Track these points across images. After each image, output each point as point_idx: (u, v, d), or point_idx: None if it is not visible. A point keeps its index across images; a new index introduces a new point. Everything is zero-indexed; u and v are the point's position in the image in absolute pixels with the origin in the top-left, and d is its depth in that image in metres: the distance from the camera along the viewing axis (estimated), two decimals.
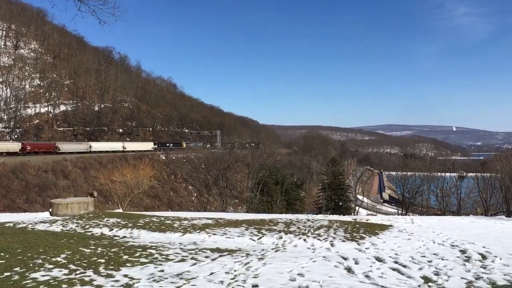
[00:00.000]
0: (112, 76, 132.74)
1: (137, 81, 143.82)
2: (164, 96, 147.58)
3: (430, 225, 16.26)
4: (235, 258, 10.17)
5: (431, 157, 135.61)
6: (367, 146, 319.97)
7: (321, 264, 9.53)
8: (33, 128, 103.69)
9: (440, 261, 9.77)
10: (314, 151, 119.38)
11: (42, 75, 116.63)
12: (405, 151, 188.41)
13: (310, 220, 17.30)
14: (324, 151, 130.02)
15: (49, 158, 71.40)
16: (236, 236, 13.81)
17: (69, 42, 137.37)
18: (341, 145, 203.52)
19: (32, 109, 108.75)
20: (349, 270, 8.98)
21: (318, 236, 13.79)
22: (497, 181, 27.52)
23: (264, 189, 62.77)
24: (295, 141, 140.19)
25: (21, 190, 59.71)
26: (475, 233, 14.07)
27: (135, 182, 27.47)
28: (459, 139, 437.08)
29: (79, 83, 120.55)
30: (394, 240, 13.07)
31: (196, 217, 18.18)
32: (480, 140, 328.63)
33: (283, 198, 66.83)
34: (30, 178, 63.63)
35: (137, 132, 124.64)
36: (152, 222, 16.20)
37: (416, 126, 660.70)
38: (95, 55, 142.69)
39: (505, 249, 11.11)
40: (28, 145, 75.25)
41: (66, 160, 71.16)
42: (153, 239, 13.25)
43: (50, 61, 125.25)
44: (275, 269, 8.98)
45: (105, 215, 18.09)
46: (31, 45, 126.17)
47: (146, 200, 76.79)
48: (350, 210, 73.15)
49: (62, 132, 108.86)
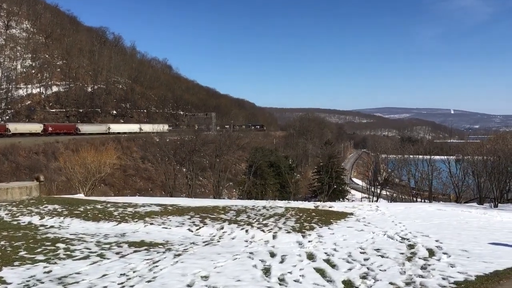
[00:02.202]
0: (106, 57, 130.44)
1: (132, 62, 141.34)
2: (159, 77, 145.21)
3: (394, 213, 15.06)
4: (148, 255, 9.01)
5: (427, 140, 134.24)
6: (364, 129, 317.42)
7: (239, 263, 8.34)
8: (24, 109, 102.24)
9: (378, 259, 8.58)
10: (310, 133, 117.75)
11: (34, 55, 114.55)
12: (403, 134, 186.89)
13: (266, 207, 16.11)
14: (320, 133, 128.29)
15: (40, 140, 70.92)
16: (174, 226, 12.65)
17: (61, 21, 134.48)
18: (338, 127, 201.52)
19: (24, 90, 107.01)
20: (267, 271, 7.80)
21: (264, 226, 12.60)
22: (469, 166, 26.21)
23: (257, 172, 61.61)
24: (291, 123, 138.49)
25: (11, 172, 58.58)
26: (436, 223, 12.88)
27: (96, 166, 26.18)
28: (457, 122, 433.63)
29: (72, 64, 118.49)
30: (344, 231, 11.89)
31: (148, 204, 17.02)
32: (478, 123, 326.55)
33: (277, 181, 65.74)
34: (21, 160, 62.68)
35: (131, 114, 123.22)
36: (93, 210, 15.04)
37: (415, 108, 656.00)
38: (89, 35, 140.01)
39: (459, 244, 9.92)
40: (50, 127, 79.95)
41: (58, 142, 70.60)
42: (80, 230, 12.10)
43: (42, 41, 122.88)
44: (183, 269, 7.81)
45: (46, 201, 16.94)
46: (22, 25, 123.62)
47: (139, 182, 76.26)
48: (344, 193, 72.31)
49: (54, 113, 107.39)
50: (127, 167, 79.36)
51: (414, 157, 40.18)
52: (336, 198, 71.41)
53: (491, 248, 9.55)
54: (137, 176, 77.30)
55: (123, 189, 77.29)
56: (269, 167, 65.86)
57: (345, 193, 73.22)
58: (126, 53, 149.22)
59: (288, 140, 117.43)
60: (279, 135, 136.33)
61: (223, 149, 47.99)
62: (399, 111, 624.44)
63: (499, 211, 16.85)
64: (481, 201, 22.54)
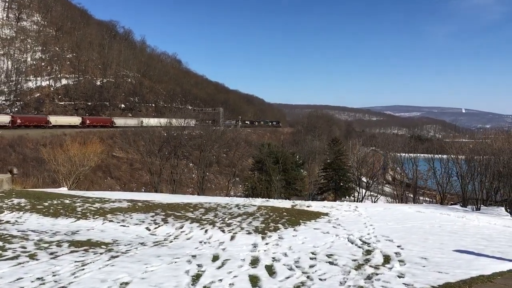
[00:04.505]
0: (115, 50, 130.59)
1: (141, 56, 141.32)
2: (168, 72, 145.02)
3: (371, 214, 14.37)
4: (83, 256, 8.48)
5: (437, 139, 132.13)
6: (374, 126, 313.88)
7: (172, 268, 7.78)
8: (33, 101, 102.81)
9: (325, 267, 7.95)
10: (318, 130, 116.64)
11: (44, 48, 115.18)
12: (412, 132, 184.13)
13: (240, 205, 15.51)
14: (329, 130, 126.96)
15: (47, 132, 71.52)
16: (133, 224, 12.14)
17: (72, 15, 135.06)
18: (347, 125, 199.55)
19: (33, 82, 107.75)
20: (197, 278, 7.22)
21: (226, 226, 12.02)
22: (454, 166, 25.20)
23: (263, 168, 60.93)
24: (300, 120, 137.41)
25: (18, 164, 58.99)
26: (408, 227, 12.19)
27: (80, 159, 25.78)
28: (468, 122, 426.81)
29: (82, 57, 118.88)
30: (308, 233, 11.25)
31: (120, 199, 16.53)
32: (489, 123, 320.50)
33: (282, 178, 64.99)
34: (28, 152, 63.11)
35: (139, 108, 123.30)
36: (57, 205, 14.57)
37: (425, 107, 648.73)
38: (99, 29, 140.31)
39: (421, 250, 9.24)
40: (88, 120, 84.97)
41: (66, 134, 70.98)
42: (34, 226, 11.64)
43: (52, 34, 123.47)
44: (107, 274, 7.27)
45: (16, 195, 16.53)
46: (33, 18, 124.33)
47: (145, 176, 76.17)
48: (350, 191, 71.34)
49: (63, 106, 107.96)
50: (134, 161, 79.51)
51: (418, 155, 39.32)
52: (342, 196, 70.62)
53: (454, 256, 8.85)
54: (143, 170, 77.30)
55: (129, 182, 77.42)
56: (275, 164, 65.15)
57: (351, 191, 72.19)
58: (136, 47, 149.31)
59: (296, 137, 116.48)
60: (287, 131, 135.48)
61: (207, 145, 47.34)
62: (410, 110, 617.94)
63: (479, 214, 16.06)
64: (464, 203, 21.60)
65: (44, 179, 30.04)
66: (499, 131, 30.85)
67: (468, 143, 28.97)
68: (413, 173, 30.11)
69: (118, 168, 78.95)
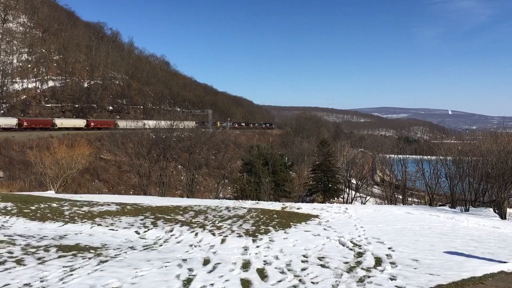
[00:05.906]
0: (103, 52, 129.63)
1: (129, 58, 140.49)
2: (156, 73, 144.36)
3: (361, 216, 14.38)
4: (71, 261, 8.33)
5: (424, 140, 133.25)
6: (362, 128, 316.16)
7: (163, 273, 7.68)
8: (20, 103, 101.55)
9: (316, 270, 7.90)
10: (306, 132, 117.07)
11: (30, 49, 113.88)
12: (400, 133, 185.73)
13: (230, 208, 15.43)
14: (317, 132, 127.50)
15: (34, 135, 70.89)
16: (122, 228, 11.99)
17: (59, 16, 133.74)
18: (335, 126, 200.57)
19: (20, 84, 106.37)
20: (188, 282, 7.13)
21: (217, 229, 11.93)
22: (443, 168, 25.39)
23: (252, 170, 60.84)
24: (288, 122, 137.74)
25: (4, 167, 58.23)
26: (398, 228, 12.20)
27: (68, 162, 25.46)
28: (455, 123, 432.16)
29: (69, 59, 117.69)
30: (299, 236, 11.21)
31: (108, 202, 16.34)
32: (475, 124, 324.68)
33: (271, 179, 64.93)
34: (14, 155, 62.32)
35: (127, 110, 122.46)
36: (44, 209, 14.35)
37: (413, 109, 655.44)
38: (86, 30, 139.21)
39: (412, 252, 9.25)
40: (92, 122, 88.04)
41: (53, 137, 70.56)
42: (20, 231, 11.43)
43: (39, 35, 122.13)
44: (96, 280, 7.14)
45: (2, 198, 16.22)
46: (19, 19, 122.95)
47: (133, 178, 75.58)
48: (339, 192, 71.48)
49: (50, 108, 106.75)
50: (122, 163, 78.84)
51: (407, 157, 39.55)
52: (331, 197, 70.78)
53: (445, 257, 8.87)
54: (132, 173, 76.74)
55: (117, 185, 76.79)
56: (264, 165, 65.10)
57: (340, 192, 72.39)
58: (124, 49, 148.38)
59: (285, 139, 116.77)
60: (276, 133, 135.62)
61: (196, 147, 46.98)
62: (397, 111, 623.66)
63: (468, 215, 16.17)
64: (453, 204, 21.74)
65: (31, 182, 29.60)
66: (486, 133, 31.15)
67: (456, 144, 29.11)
68: (402, 174, 30.23)
69: (106, 170, 78.33)
